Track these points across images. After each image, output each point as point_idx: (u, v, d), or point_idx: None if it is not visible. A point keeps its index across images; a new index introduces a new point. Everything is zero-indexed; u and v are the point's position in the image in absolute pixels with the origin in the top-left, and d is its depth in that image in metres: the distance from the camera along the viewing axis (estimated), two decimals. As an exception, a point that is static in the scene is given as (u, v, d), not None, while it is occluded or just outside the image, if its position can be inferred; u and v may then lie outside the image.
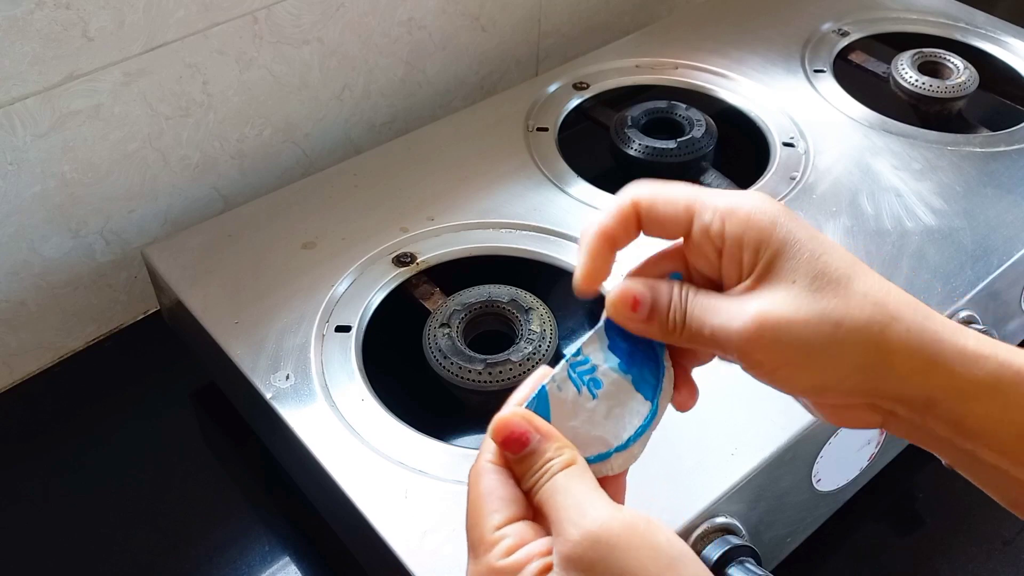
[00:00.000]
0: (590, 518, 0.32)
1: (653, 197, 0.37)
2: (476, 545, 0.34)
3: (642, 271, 0.39)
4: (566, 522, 0.32)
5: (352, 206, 0.68)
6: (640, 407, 0.37)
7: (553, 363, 0.56)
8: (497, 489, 0.35)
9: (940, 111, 0.81)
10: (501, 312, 0.60)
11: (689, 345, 0.37)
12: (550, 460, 0.35)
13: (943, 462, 0.37)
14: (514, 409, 0.36)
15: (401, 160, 0.72)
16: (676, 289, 0.36)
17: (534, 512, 0.35)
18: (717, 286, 0.37)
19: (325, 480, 0.52)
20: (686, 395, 0.39)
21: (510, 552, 0.33)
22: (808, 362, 0.34)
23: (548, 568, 0.32)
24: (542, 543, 0.33)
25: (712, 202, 0.36)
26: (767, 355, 0.34)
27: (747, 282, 0.35)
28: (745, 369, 0.36)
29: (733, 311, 0.35)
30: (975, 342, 0.34)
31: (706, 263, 0.37)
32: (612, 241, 0.37)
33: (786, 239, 0.35)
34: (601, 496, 0.33)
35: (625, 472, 0.38)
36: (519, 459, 0.35)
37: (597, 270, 0.37)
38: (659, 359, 0.38)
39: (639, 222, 0.38)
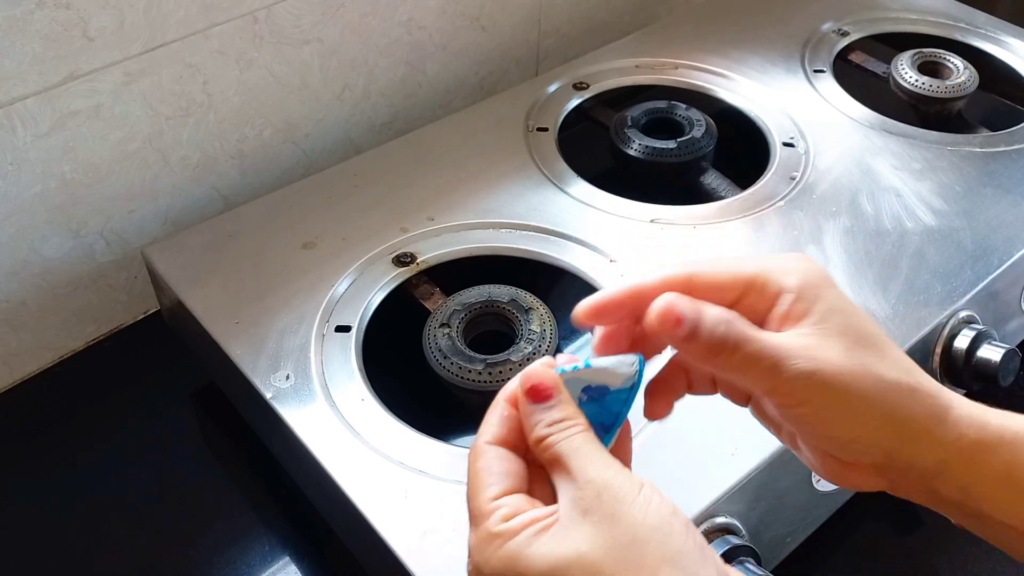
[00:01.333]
0: (605, 471, 0.34)
1: (711, 270, 0.38)
2: (476, 515, 0.36)
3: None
4: (581, 469, 0.34)
5: (352, 206, 0.68)
6: None
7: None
8: (494, 464, 0.37)
9: (940, 111, 0.81)
10: (501, 312, 0.60)
11: (727, 370, 0.36)
12: (571, 419, 0.36)
13: (952, 520, 0.39)
14: (541, 367, 0.37)
15: (401, 160, 0.72)
16: (723, 313, 0.36)
17: (529, 483, 0.37)
18: None
19: (325, 480, 0.52)
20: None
21: (507, 518, 0.34)
22: (847, 411, 0.36)
23: (546, 528, 0.34)
24: (538, 510, 0.34)
25: (766, 264, 0.38)
26: (814, 395, 0.35)
27: (800, 328, 0.36)
28: (782, 408, 0.36)
29: (791, 350, 0.35)
30: (979, 409, 0.37)
31: (751, 319, 0.37)
32: (642, 299, 0.37)
33: (836, 296, 0.37)
34: (618, 461, 0.35)
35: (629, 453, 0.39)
36: (536, 410, 0.36)
37: (607, 311, 0.38)
38: (620, 413, 0.38)
39: (688, 289, 0.37)
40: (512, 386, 0.38)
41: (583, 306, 0.37)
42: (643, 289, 0.37)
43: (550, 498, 0.35)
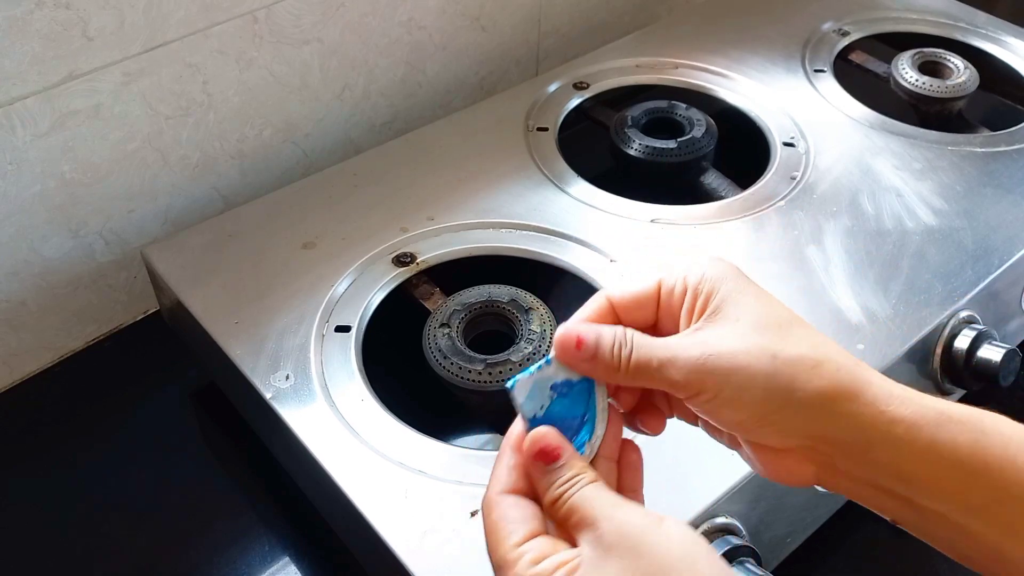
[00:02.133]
0: (623, 511, 0.35)
1: (623, 287, 0.40)
2: (501, 565, 0.36)
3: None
4: (599, 512, 0.35)
5: (352, 206, 0.68)
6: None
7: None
8: (511, 512, 0.37)
9: (940, 111, 0.81)
10: (501, 312, 0.59)
11: (634, 383, 0.38)
12: (580, 473, 0.37)
13: (888, 520, 0.39)
14: (545, 428, 0.38)
15: (401, 160, 0.72)
16: (620, 331, 0.38)
17: (549, 528, 0.37)
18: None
19: (325, 480, 0.52)
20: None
21: (536, 562, 0.35)
22: (747, 393, 0.36)
23: (574, 570, 0.34)
24: (565, 554, 0.35)
25: (673, 268, 0.40)
26: (711, 381, 0.36)
27: (696, 324, 0.38)
28: (689, 402, 0.38)
29: (681, 345, 0.37)
30: (900, 388, 0.37)
31: (669, 323, 0.40)
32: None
33: (735, 288, 0.38)
34: (633, 501, 0.36)
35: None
36: (546, 471, 0.37)
37: (579, 352, 0.39)
38: (589, 401, 0.39)
39: (615, 315, 0.40)
40: (515, 432, 0.39)
41: (568, 359, 0.39)
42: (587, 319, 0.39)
43: (569, 541, 0.36)
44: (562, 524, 0.36)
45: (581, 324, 0.39)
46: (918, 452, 0.36)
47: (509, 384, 0.39)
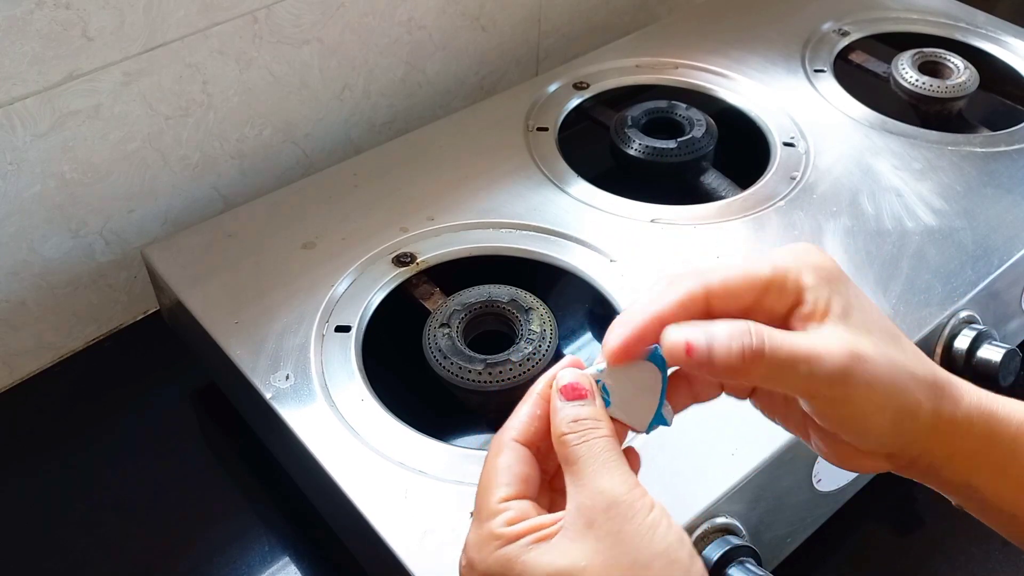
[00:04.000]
0: (617, 481, 0.33)
1: (725, 278, 0.36)
2: (481, 510, 0.35)
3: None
4: (596, 476, 0.34)
5: (352, 206, 0.68)
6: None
7: (553, 363, 0.57)
8: (514, 465, 0.36)
9: (940, 111, 0.81)
10: (501, 312, 0.59)
11: (756, 381, 0.36)
12: (597, 421, 0.36)
13: (952, 502, 0.39)
14: (578, 373, 0.37)
15: (401, 160, 0.72)
16: (743, 326, 0.34)
17: (542, 489, 0.37)
18: None
19: (325, 480, 0.52)
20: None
21: (511, 523, 0.34)
22: (883, 406, 0.35)
23: (547, 537, 0.33)
24: (543, 518, 0.34)
25: (782, 258, 0.37)
26: (853, 392, 0.34)
27: (827, 324, 0.35)
28: (818, 408, 0.35)
29: (822, 345, 0.34)
30: (986, 398, 0.37)
31: (762, 317, 0.36)
32: (663, 325, 0.36)
33: (854, 291, 0.37)
34: (633, 476, 0.34)
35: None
36: (564, 406, 0.36)
37: (634, 347, 0.36)
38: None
39: (706, 309, 0.36)
40: (546, 380, 0.38)
41: (613, 349, 0.36)
42: (662, 315, 0.36)
43: (560, 507, 0.35)
44: (562, 464, 0.35)
45: (685, 327, 0.35)
46: (994, 466, 0.37)
47: None
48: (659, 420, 0.38)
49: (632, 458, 0.38)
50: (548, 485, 0.38)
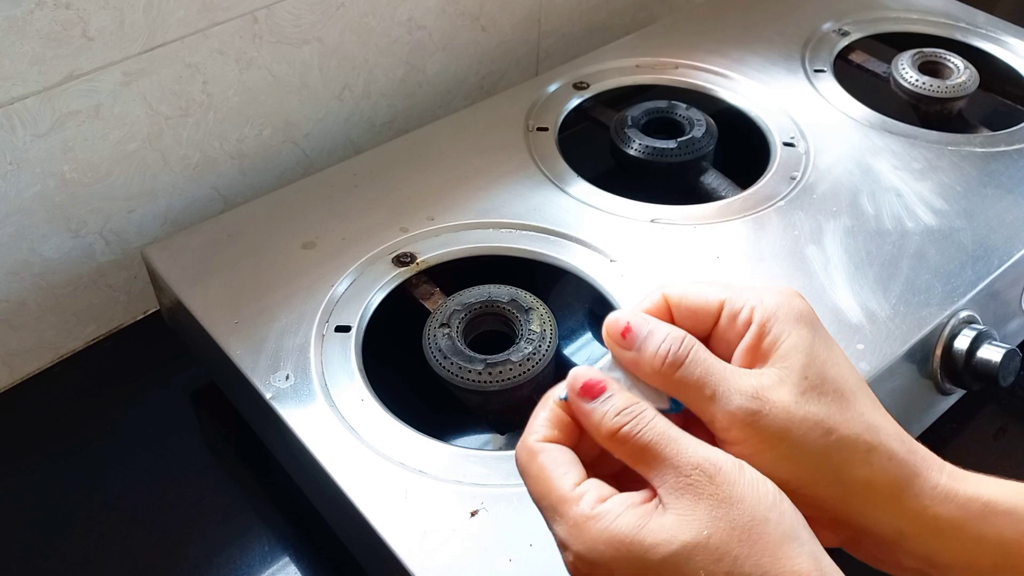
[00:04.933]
0: (706, 449, 0.33)
1: (684, 291, 0.38)
2: (558, 506, 0.33)
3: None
4: (684, 452, 0.33)
5: (352, 206, 0.68)
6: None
7: (553, 363, 0.57)
8: (559, 456, 0.35)
9: (940, 111, 0.81)
10: (501, 312, 0.59)
11: (672, 392, 0.36)
12: (638, 405, 0.35)
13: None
14: (584, 367, 0.36)
15: (401, 160, 0.72)
16: (679, 334, 0.36)
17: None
18: None
19: (325, 480, 0.52)
20: None
21: (602, 500, 0.33)
22: (788, 456, 0.34)
23: (652, 512, 0.32)
24: (635, 494, 0.33)
25: (744, 293, 0.37)
26: (750, 436, 0.34)
27: (760, 364, 0.35)
28: (719, 439, 0.35)
29: (737, 379, 0.35)
30: (947, 477, 0.35)
31: (721, 346, 0.37)
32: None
33: (805, 337, 0.35)
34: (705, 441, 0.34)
35: None
36: (596, 405, 0.35)
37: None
38: None
39: (670, 314, 0.38)
40: (557, 390, 0.37)
41: (612, 345, 0.37)
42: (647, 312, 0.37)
43: (619, 484, 0.34)
44: (628, 458, 0.34)
45: (636, 313, 0.37)
46: (957, 544, 0.35)
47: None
48: (675, 405, 0.37)
49: None
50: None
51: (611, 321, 0.37)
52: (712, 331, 0.37)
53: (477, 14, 0.86)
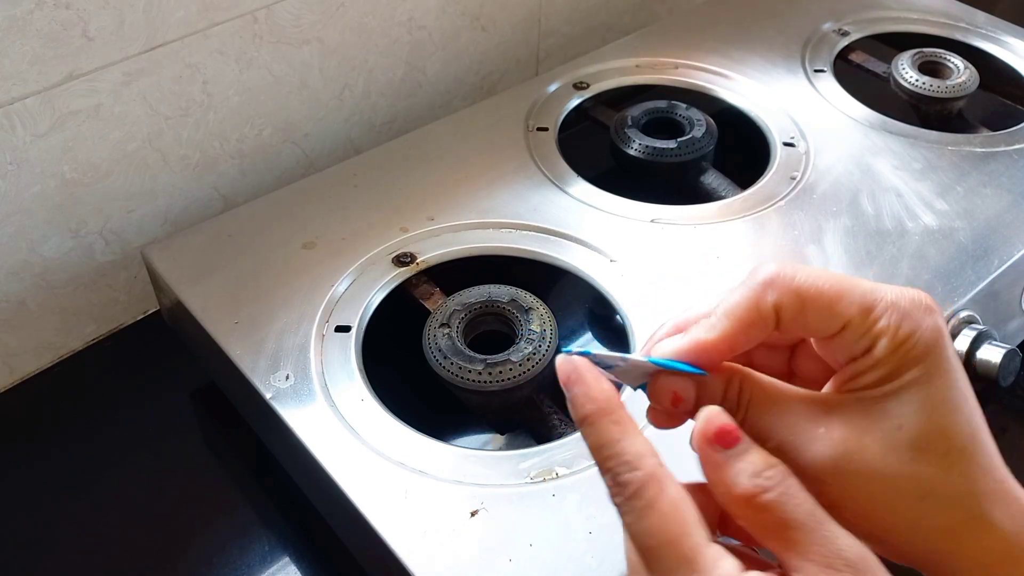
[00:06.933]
0: (852, 538, 0.28)
1: (803, 303, 0.31)
2: (687, 561, 0.28)
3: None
4: (830, 539, 0.28)
5: (352, 206, 0.68)
6: None
7: (553, 363, 0.56)
8: (687, 497, 0.29)
9: (940, 111, 0.81)
10: (501, 312, 0.59)
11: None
12: (777, 466, 0.29)
13: None
14: (714, 409, 0.30)
15: (401, 160, 0.72)
16: (734, 384, 0.31)
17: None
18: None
19: (325, 480, 0.52)
20: None
21: (743, 570, 0.28)
22: (875, 519, 0.30)
23: None
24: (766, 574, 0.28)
25: (879, 298, 0.31)
26: (841, 484, 0.30)
27: (863, 397, 0.30)
28: (800, 474, 0.30)
29: (811, 433, 0.30)
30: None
31: (806, 353, 0.32)
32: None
33: (928, 370, 0.30)
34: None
35: None
36: (729, 458, 0.29)
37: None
38: None
39: (776, 326, 0.32)
40: (599, 403, 0.31)
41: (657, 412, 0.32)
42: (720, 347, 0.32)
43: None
44: (758, 529, 0.29)
45: (675, 380, 0.32)
46: None
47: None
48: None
49: None
50: None
51: (659, 393, 0.32)
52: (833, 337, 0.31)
53: (477, 14, 0.86)
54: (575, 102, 0.80)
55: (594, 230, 0.66)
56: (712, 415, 0.30)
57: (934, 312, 0.31)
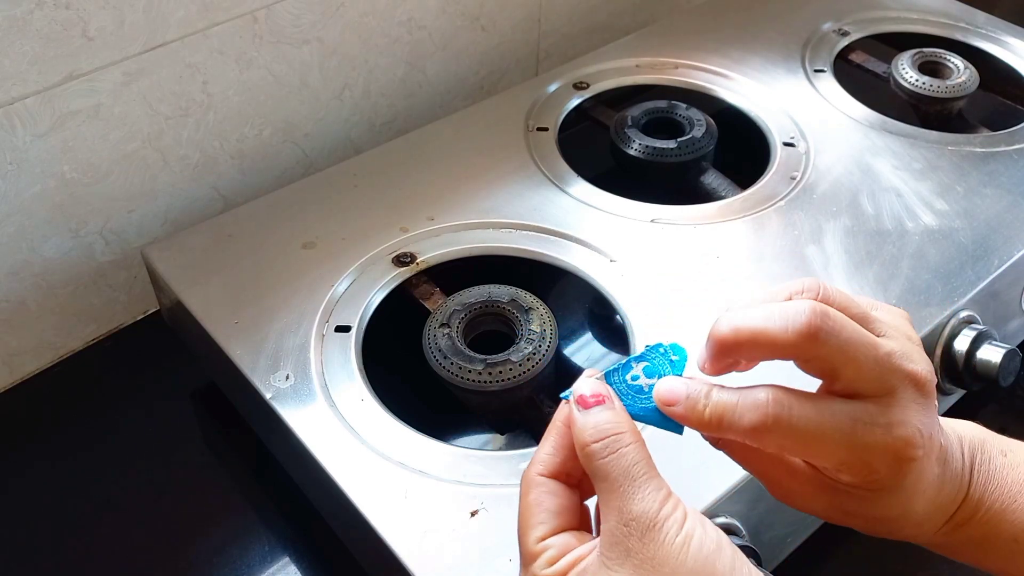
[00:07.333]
0: (650, 501, 0.33)
1: (853, 356, 0.36)
2: (524, 555, 0.35)
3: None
4: (627, 497, 0.33)
5: (352, 206, 0.68)
6: None
7: (553, 363, 0.57)
8: (544, 500, 0.35)
9: (940, 111, 0.81)
10: (501, 312, 0.59)
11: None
12: (620, 426, 0.35)
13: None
14: (592, 382, 0.37)
15: (401, 160, 0.72)
16: (761, 396, 0.36)
17: (580, 519, 0.36)
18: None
19: (325, 480, 0.52)
20: None
21: (552, 562, 0.34)
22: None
23: (584, 571, 0.33)
24: (583, 548, 0.34)
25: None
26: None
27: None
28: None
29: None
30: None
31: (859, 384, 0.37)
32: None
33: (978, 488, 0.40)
34: (665, 486, 0.34)
35: None
36: (583, 416, 0.35)
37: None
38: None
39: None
40: (564, 409, 0.37)
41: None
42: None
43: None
44: (593, 478, 0.34)
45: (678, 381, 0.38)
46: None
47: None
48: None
49: None
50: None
51: (577, 387, 0.37)
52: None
53: (477, 14, 0.86)
54: (575, 102, 0.80)
55: (594, 230, 0.66)
56: (580, 384, 0.36)
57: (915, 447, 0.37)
